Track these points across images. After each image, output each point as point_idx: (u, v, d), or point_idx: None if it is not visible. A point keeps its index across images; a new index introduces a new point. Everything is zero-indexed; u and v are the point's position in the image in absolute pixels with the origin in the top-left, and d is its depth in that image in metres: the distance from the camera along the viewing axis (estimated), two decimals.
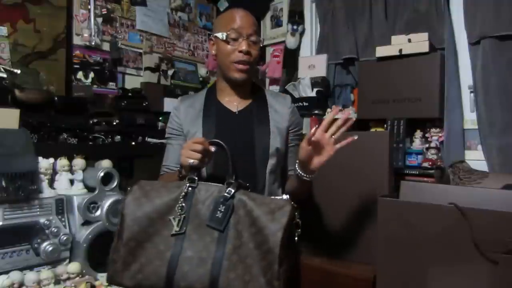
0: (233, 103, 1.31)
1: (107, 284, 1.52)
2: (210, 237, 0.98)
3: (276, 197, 1.09)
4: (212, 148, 1.08)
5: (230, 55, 1.23)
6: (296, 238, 1.00)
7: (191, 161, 1.05)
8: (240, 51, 1.22)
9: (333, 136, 1.11)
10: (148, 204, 1.01)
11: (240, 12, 1.26)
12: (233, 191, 1.01)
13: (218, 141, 1.09)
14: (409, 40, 1.91)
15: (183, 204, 1.01)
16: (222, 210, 0.99)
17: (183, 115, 1.32)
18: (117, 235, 1.01)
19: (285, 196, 1.08)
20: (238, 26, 1.23)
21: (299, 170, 1.16)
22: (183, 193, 1.02)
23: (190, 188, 1.03)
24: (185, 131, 1.31)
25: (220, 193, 1.02)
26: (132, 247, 0.99)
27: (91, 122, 1.85)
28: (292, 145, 1.35)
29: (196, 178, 1.05)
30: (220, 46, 1.26)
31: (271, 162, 1.24)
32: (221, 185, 1.04)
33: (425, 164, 1.85)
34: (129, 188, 1.06)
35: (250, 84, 1.35)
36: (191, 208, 1.01)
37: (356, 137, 1.13)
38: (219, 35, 1.25)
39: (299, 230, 1.00)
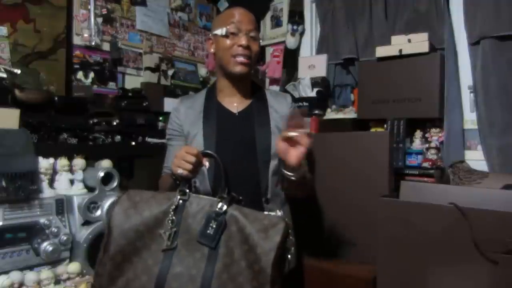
0: (233, 104, 1.30)
1: None
2: (200, 253, 0.94)
3: (270, 212, 1.05)
4: (206, 164, 1.05)
5: (229, 49, 1.23)
6: (289, 256, 0.96)
7: (181, 171, 1.01)
8: (240, 45, 1.21)
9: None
10: (136, 216, 0.97)
11: (240, 9, 1.27)
12: (225, 207, 0.97)
13: (212, 153, 1.06)
14: (409, 40, 1.91)
15: (174, 218, 0.97)
16: (214, 226, 0.95)
17: (183, 116, 1.31)
18: (103, 247, 0.97)
19: (279, 212, 1.05)
20: (238, 21, 1.23)
21: (284, 170, 1.10)
22: (174, 206, 0.98)
23: (181, 201, 0.99)
24: (185, 132, 1.30)
25: (212, 208, 0.98)
26: (119, 261, 0.95)
27: (91, 122, 1.84)
28: None
29: (188, 190, 1.01)
30: (220, 42, 1.25)
31: (273, 163, 1.23)
32: (213, 198, 1.01)
33: (425, 164, 1.85)
34: (117, 197, 1.03)
35: (250, 84, 1.35)
36: (181, 222, 0.97)
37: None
38: (218, 31, 1.24)
39: (293, 248, 0.97)
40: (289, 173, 1.08)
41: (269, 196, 1.22)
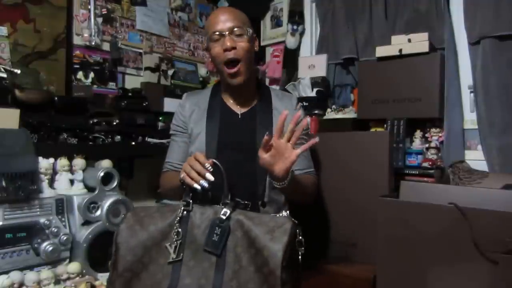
0: (237, 104, 1.30)
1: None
2: (208, 262, 0.94)
3: (276, 214, 1.05)
4: (208, 166, 1.04)
5: (219, 56, 1.22)
6: (300, 257, 0.96)
7: (196, 185, 1.01)
8: (225, 49, 1.19)
9: (290, 142, 1.03)
10: (142, 232, 0.98)
11: (219, 11, 1.27)
12: (228, 212, 0.97)
13: (216, 162, 1.05)
14: (409, 40, 1.91)
15: (179, 229, 0.97)
16: (218, 233, 0.95)
17: (188, 113, 1.31)
18: (112, 266, 0.98)
19: (285, 213, 1.04)
20: (218, 25, 1.21)
21: (272, 179, 1.10)
22: (178, 218, 0.99)
23: (185, 212, 1.00)
24: (189, 129, 1.30)
25: (216, 215, 0.98)
26: (128, 278, 0.95)
27: (91, 122, 1.85)
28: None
29: (191, 201, 1.01)
30: (210, 50, 1.25)
31: None
32: (217, 206, 1.01)
33: (425, 164, 1.84)
34: (123, 215, 1.04)
35: (254, 84, 1.34)
36: (187, 233, 0.98)
37: (317, 139, 1.04)
38: (207, 40, 1.26)
39: (303, 248, 0.96)
40: (276, 182, 1.08)
41: (265, 199, 1.21)
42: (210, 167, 1.04)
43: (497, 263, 1.08)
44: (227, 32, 1.20)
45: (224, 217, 0.96)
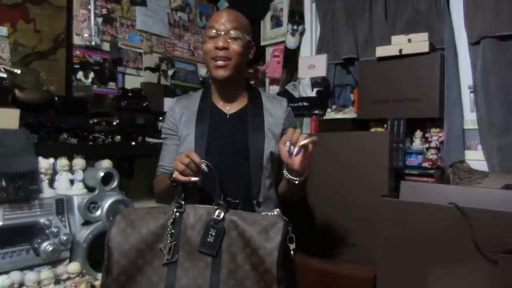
0: (227, 105, 1.30)
1: None
2: (204, 263, 0.95)
3: (268, 213, 1.06)
4: (204, 167, 1.04)
5: (209, 52, 1.23)
6: (292, 252, 0.97)
7: (185, 178, 1.02)
8: (217, 47, 1.21)
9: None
10: (135, 234, 0.97)
11: (223, 11, 1.28)
12: (223, 213, 0.98)
13: (208, 163, 1.05)
14: (409, 40, 1.91)
15: (173, 231, 0.98)
16: (213, 234, 0.95)
17: (178, 116, 1.31)
18: (105, 270, 0.97)
19: (275, 211, 1.05)
20: (217, 24, 1.22)
21: (286, 173, 1.12)
22: (171, 220, 0.99)
23: (177, 214, 1.00)
24: (179, 132, 1.30)
25: (209, 216, 0.98)
26: (123, 281, 0.95)
27: (91, 122, 1.85)
28: None
29: (183, 202, 1.01)
30: (203, 47, 1.27)
31: (266, 166, 1.22)
32: (209, 206, 1.01)
33: (425, 164, 1.85)
34: (112, 218, 1.03)
35: (244, 85, 1.34)
36: (180, 235, 0.98)
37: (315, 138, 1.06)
38: (204, 36, 1.28)
39: (293, 244, 0.97)
40: (293, 178, 1.10)
41: (260, 199, 1.21)
42: (205, 168, 1.04)
43: (497, 263, 1.08)
44: (223, 33, 1.22)
45: (218, 218, 0.97)
